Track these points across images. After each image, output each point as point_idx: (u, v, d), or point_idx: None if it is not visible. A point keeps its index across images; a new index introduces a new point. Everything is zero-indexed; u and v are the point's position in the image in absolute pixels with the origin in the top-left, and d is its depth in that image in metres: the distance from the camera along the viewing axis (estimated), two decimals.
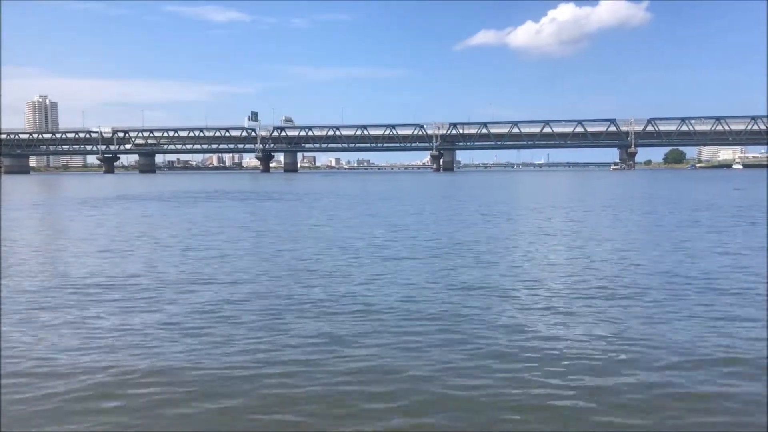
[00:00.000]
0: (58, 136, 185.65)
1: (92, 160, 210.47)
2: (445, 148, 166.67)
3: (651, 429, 5.07)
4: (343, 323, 8.15)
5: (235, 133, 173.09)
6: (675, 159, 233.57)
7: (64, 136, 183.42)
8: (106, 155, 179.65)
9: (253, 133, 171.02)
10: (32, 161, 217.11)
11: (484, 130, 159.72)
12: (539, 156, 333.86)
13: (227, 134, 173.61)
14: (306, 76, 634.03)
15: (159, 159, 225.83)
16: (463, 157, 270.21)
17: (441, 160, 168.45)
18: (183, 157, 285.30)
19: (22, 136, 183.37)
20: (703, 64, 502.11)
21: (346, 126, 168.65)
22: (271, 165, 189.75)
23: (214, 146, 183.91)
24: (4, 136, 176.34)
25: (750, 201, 33.60)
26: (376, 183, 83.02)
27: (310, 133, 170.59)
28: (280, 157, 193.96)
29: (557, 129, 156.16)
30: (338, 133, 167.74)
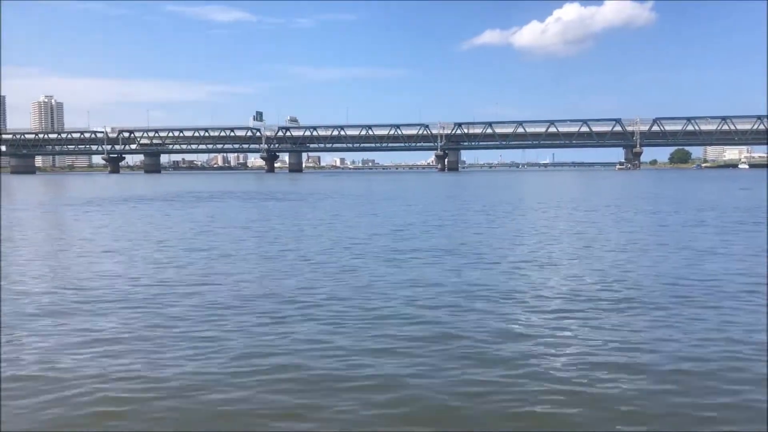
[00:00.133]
0: (64, 136, 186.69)
1: (97, 160, 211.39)
2: (450, 147, 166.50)
3: None
4: (344, 325, 8.13)
5: (240, 133, 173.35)
6: (680, 159, 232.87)
7: (69, 136, 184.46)
8: (111, 155, 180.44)
9: (258, 133, 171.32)
10: (38, 161, 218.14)
11: (489, 130, 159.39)
12: (544, 156, 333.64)
13: (232, 134, 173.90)
14: (306, 76, 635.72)
15: (164, 159, 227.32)
16: (468, 156, 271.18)
17: (446, 160, 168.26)
18: (188, 157, 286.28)
19: (27, 136, 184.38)
20: (708, 63, 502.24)
21: (351, 126, 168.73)
22: (276, 165, 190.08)
23: (219, 146, 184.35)
24: (9, 136, 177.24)
25: (756, 201, 33.41)
26: (380, 183, 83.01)
27: (314, 133, 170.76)
28: (285, 157, 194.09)
29: (562, 129, 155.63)
30: (343, 133, 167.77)
